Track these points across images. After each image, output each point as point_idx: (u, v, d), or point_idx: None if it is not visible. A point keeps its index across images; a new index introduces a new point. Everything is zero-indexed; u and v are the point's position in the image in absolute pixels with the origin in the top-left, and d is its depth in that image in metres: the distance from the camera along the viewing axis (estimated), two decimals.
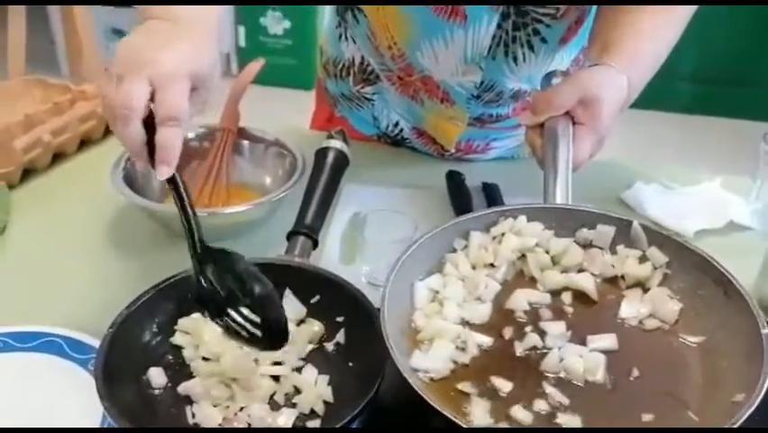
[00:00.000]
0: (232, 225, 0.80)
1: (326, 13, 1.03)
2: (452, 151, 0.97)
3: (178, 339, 0.60)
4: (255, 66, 0.91)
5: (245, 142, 0.88)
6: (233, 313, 0.53)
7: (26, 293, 0.74)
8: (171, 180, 0.56)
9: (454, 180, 0.90)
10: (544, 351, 0.54)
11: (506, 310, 0.58)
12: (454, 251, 0.62)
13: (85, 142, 0.98)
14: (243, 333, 0.53)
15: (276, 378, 0.56)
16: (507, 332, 0.56)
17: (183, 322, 0.60)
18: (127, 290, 0.61)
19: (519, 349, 0.55)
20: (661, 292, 0.57)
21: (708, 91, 2.91)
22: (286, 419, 0.53)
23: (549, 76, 0.80)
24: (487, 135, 0.97)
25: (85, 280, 0.75)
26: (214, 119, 0.90)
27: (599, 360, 0.52)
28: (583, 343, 0.54)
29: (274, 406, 0.54)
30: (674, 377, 0.52)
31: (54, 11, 2.76)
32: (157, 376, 0.57)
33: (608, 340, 0.54)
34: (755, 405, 0.45)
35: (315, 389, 0.55)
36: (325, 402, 0.55)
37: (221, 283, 0.54)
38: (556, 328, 0.56)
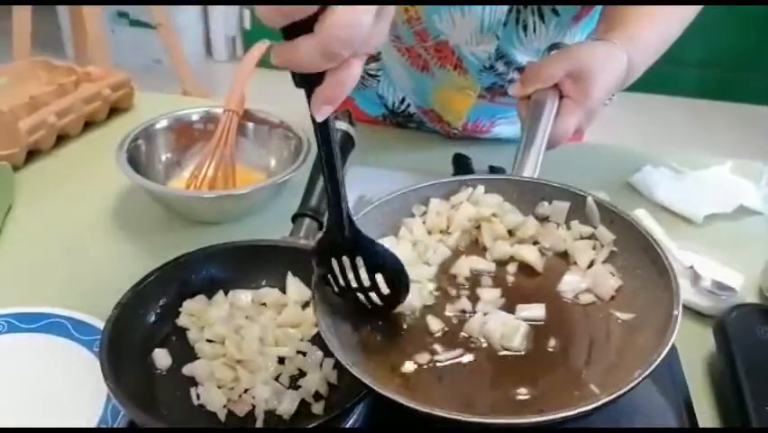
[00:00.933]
0: (237, 207, 0.79)
1: None
2: (459, 129, 0.96)
3: (182, 321, 0.59)
4: (260, 48, 0.90)
5: (250, 124, 0.87)
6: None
7: (31, 275, 0.74)
8: (324, 124, 0.45)
9: (461, 163, 0.89)
10: (472, 315, 0.54)
11: (449, 275, 0.58)
12: (413, 216, 0.61)
13: (89, 124, 0.98)
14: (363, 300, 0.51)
15: (281, 360, 0.56)
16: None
17: (188, 304, 0.60)
18: (131, 272, 0.61)
19: (448, 310, 0.54)
20: (603, 269, 0.56)
21: (715, 76, 2.89)
22: (290, 400, 0.52)
23: (552, 48, 0.79)
24: (494, 112, 0.95)
25: (89, 261, 0.75)
26: (219, 101, 0.89)
27: (519, 327, 0.52)
28: (513, 312, 0.54)
29: (279, 388, 0.54)
30: (590, 350, 0.51)
31: None
32: (162, 357, 0.57)
33: (536, 310, 0.54)
34: (640, 380, 0.44)
35: (321, 371, 0.55)
36: (330, 385, 0.55)
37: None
38: (489, 295, 0.55)
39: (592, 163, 0.72)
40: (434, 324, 0.53)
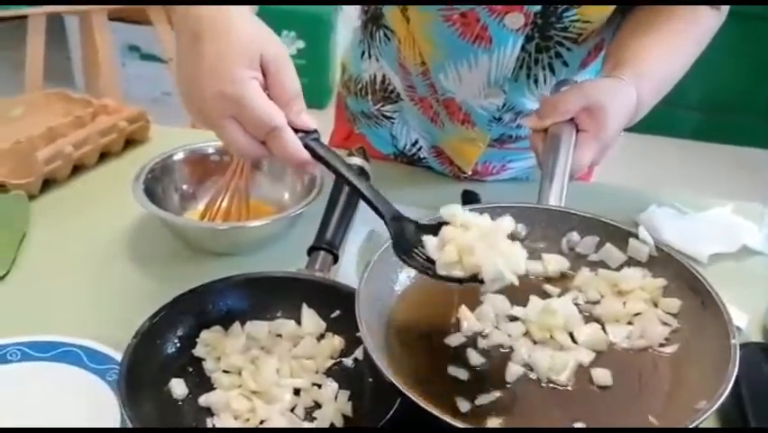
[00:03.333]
0: (251, 240, 0.80)
1: (349, 31, 1.04)
2: (469, 173, 0.98)
3: (199, 351, 0.60)
4: None
5: (264, 159, 0.89)
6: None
7: (44, 303, 0.74)
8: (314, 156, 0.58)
9: (469, 199, 0.90)
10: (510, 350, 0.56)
11: None
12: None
13: (105, 155, 1.00)
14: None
15: (297, 391, 0.57)
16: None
17: (205, 335, 0.61)
18: (145, 302, 0.61)
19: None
20: (653, 315, 0.57)
21: (713, 119, 2.93)
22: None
23: (560, 84, 0.81)
24: (503, 157, 0.98)
25: (103, 291, 0.76)
26: None
27: (569, 362, 0.53)
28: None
29: (294, 420, 0.54)
30: (639, 384, 0.52)
31: (72, 26, 2.80)
32: (178, 387, 0.57)
33: (585, 354, 0.55)
34: (710, 412, 0.45)
35: (336, 403, 0.55)
36: (345, 417, 0.55)
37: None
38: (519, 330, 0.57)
39: (599, 203, 0.73)
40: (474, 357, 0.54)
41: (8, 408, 0.61)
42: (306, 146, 0.57)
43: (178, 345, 0.60)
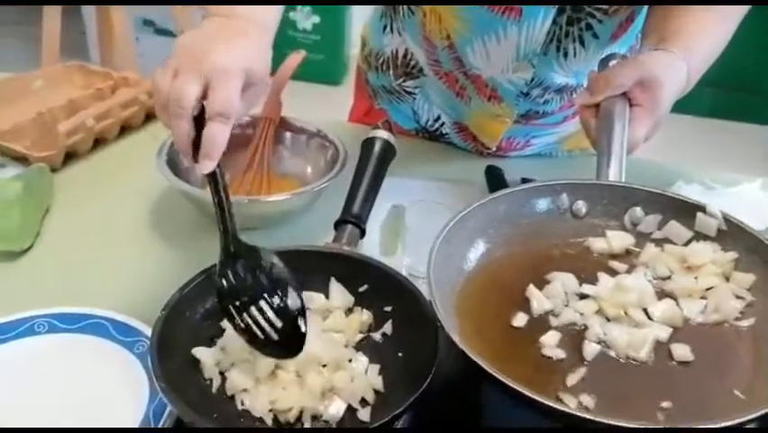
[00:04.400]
0: (273, 214, 0.80)
1: (366, 5, 1.03)
2: (493, 149, 0.96)
3: (226, 324, 0.60)
4: (297, 57, 0.91)
5: (287, 133, 0.88)
6: (254, 312, 0.54)
7: (68, 276, 0.74)
8: (212, 175, 0.58)
9: (494, 175, 0.89)
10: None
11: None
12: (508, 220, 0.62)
13: (125, 128, 0.99)
14: (260, 334, 0.54)
15: (326, 365, 0.56)
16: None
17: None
18: (168, 274, 0.61)
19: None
20: (727, 290, 0.56)
21: (730, 97, 2.90)
22: (336, 406, 0.52)
23: (607, 59, 0.79)
24: (528, 133, 0.96)
25: (126, 263, 0.76)
26: (256, 109, 0.90)
27: (648, 337, 0.52)
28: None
29: (325, 393, 0.54)
30: (720, 359, 0.51)
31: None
32: (204, 355, 0.57)
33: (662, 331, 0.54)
34: None
35: (366, 377, 0.55)
36: (376, 391, 0.55)
37: (246, 281, 0.56)
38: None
39: (628, 178, 0.72)
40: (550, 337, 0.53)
41: (36, 379, 0.61)
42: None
43: (207, 316, 0.59)
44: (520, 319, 0.55)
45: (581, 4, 0.78)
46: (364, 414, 0.53)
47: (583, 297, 0.57)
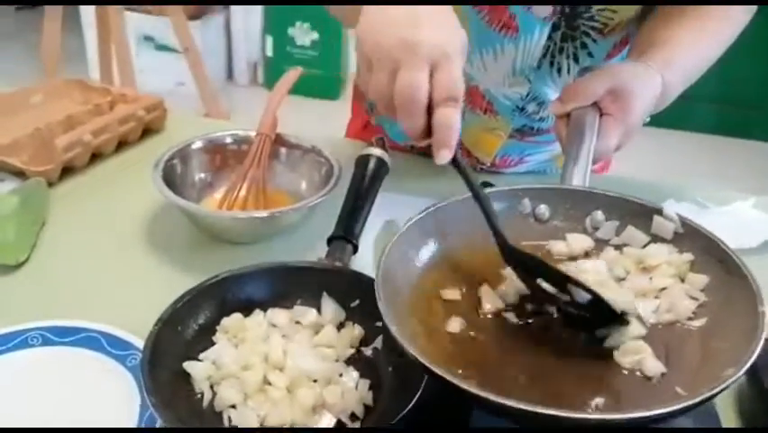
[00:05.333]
0: (269, 228, 0.80)
1: None
2: (488, 164, 0.97)
3: (219, 338, 0.60)
4: (294, 74, 0.92)
5: (282, 149, 0.89)
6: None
7: (63, 289, 0.75)
8: (454, 163, 0.55)
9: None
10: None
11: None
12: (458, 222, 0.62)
13: (122, 144, 1.00)
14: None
15: (316, 380, 0.57)
16: None
17: (225, 321, 0.61)
18: (163, 290, 0.61)
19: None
20: (680, 290, 0.56)
21: (732, 113, 2.91)
22: (327, 420, 0.53)
23: (584, 71, 0.80)
24: (523, 150, 0.97)
25: (121, 278, 0.76)
26: (239, 124, 0.91)
27: None
28: None
29: (315, 408, 0.54)
30: (668, 358, 0.52)
31: (87, 15, 2.81)
32: (194, 370, 0.57)
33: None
34: (737, 376, 0.44)
35: (356, 392, 0.55)
36: (366, 406, 0.55)
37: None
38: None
39: None
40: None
41: (29, 392, 0.62)
42: None
43: (199, 331, 0.60)
44: (453, 325, 0.55)
45: (583, 4, 0.79)
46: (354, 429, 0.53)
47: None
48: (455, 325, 0.55)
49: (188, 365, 0.56)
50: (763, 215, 0.91)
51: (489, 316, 0.56)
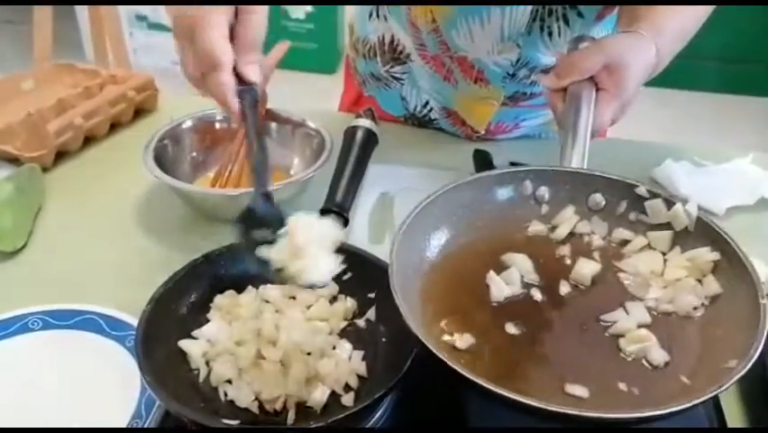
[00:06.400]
0: None
1: None
2: (482, 132, 0.97)
3: (212, 315, 0.61)
4: (281, 48, 0.91)
5: (273, 124, 0.89)
6: None
7: (61, 273, 0.75)
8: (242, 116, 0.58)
9: (481, 159, 0.89)
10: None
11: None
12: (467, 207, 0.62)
13: (115, 126, 1.00)
14: None
15: (310, 353, 0.57)
16: None
17: (218, 299, 0.61)
18: (159, 269, 0.62)
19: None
20: (689, 287, 0.56)
21: (735, 70, 2.86)
22: (321, 392, 0.53)
23: (577, 40, 0.79)
24: (517, 115, 0.96)
25: (118, 259, 0.77)
26: None
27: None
28: None
29: (309, 380, 0.55)
30: (669, 345, 0.52)
31: None
32: (190, 347, 0.57)
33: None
34: (744, 371, 0.45)
35: (350, 364, 0.56)
36: (359, 377, 0.56)
37: None
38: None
39: (615, 159, 0.72)
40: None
41: (31, 375, 0.63)
42: (240, 97, 0.57)
43: (192, 309, 0.60)
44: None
45: (565, 4, 0.78)
46: (348, 399, 0.53)
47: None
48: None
49: (184, 344, 0.57)
50: (760, 171, 0.90)
51: (496, 304, 0.56)
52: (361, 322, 0.61)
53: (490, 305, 0.56)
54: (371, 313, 0.61)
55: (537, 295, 0.56)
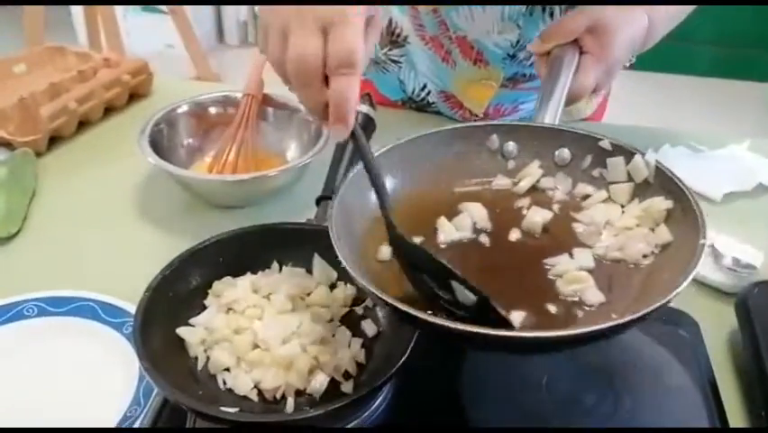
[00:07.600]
0: (259, 191, 0.80)
1: None
2: (480, 115, 0.96)
3: (210, 302, 0.60)
4: None
5: (270, 109, 0.88)
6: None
7: (56, 259, 0.75)
8: (353, 137, 0.50)
9: None
10: None
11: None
12: (432, 159, 0.61)
13: (109, 110, 0.99)
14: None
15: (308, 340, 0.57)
16: None
17: (216, 286, 0.61)
18: (155, 255, 0.61)
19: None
20: (640, 235, 0.54)
21: (731, 54, 2.86)
22: (320, 380, 0.53)
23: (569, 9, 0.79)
24: (516, 98, 0.96)
25: (113, 245, 0.77)
26: (231, 85, 0.90)
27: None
28: None
29: (308, 367, 0.54)
30: (609, 290, 0.51)
31: None
32: (188, 336, 0.57)
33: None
34: (665, 301, 0.44)
35: (349, 351, 0.55)
36: (359, 364, 0.55)
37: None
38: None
39: None
40: None
41: (27, 362, 0.62)
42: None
43: (190, 296, 0.60)
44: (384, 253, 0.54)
45: (565, 4, 0.77)
46: (347, 387, 0.53)
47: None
48: (386, 252, 0.55)
49: (182, 331, 0.57)
50: (757, 157, 0.90)
51: (443, 246, 0.56)
52: (359, 310, 0.60)
53: (438, 247, 0.55)
54: (370, 301, 0.60)
55: (485, 240, 0.56)
